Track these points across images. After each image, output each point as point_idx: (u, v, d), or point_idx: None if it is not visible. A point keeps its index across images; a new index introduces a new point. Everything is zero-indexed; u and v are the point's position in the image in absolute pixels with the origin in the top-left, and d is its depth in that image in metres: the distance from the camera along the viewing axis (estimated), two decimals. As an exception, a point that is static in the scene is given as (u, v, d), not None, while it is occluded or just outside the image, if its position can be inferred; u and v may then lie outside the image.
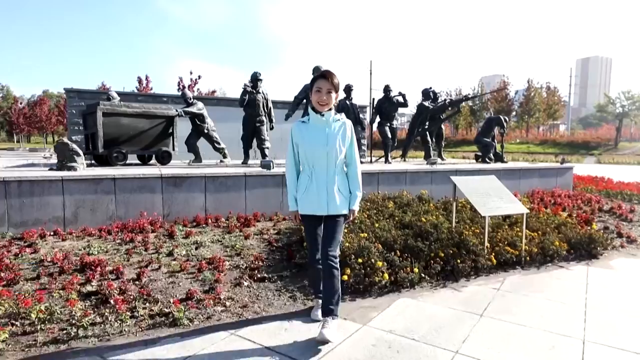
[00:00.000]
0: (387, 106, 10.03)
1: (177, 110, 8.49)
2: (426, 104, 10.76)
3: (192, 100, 8.89)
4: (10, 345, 2.54)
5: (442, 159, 11.60)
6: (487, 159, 10.18)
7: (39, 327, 2.72)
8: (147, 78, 35.99)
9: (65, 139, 6.58)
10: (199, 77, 34.18)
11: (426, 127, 10.88)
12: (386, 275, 3.35)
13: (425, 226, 4.43)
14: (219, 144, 9.22)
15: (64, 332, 2.69)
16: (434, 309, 3.10)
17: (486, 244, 4.04)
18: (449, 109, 11.27)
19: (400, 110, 10.80)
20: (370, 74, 43.70)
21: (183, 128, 9.06)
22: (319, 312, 2.77)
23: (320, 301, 2.80)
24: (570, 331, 2.77)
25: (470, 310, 3.10)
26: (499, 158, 10.47)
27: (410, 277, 3.45)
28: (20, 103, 54.39)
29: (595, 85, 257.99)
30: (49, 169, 6.38)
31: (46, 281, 3.42)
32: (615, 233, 5.55)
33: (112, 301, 2.95)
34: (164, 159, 8.26)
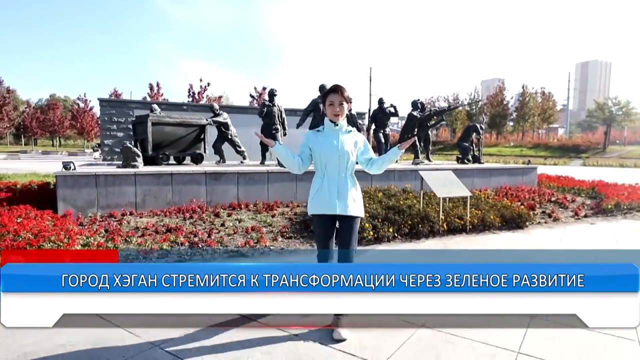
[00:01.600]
0: (381, 116, 11.89)
1: (207, 120, 10.34)
2: (415, 113, 12.57)
3: (218, 111, 10.74)
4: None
5: (430, 160, 13.39)
6: (465, 160, 12.04)
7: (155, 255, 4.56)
8: (157, 85, 38.08)
9: (128, 143, 8.44)
10: (208, 84, 36.34)
11: (415, 133, 12.69)
12: (371, 232, 5.20)
13: (402, 207, 6.27)
14: (239, 147, 11.06)
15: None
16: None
17: (441, 216, 5.89)
18: (434, 117, 13.09)
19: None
20: (370, 80, 45.61)
21: (209, 134, 10.92)
22: (342, 330, 2.72)
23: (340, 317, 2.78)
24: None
25: (420, 250, 4.93)
26: (476, 159, 12.33)
27: (387, 235, 5.30)
28: (33, 107, 56.47)
29: (594, 89, 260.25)
30: (117, 167, 8.23)
31: (149, 238, 5.26)
32: (548, 215, 7.40)
33: (202, 244, 4.80)
34: (198, 159, 10.11)
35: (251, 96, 40.57)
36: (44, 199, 7.35)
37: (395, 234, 5.46)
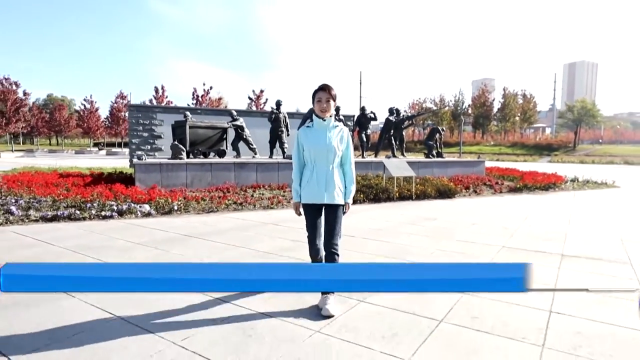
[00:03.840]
0: (363, 120, 15.02)
1: (228, 123, 13.39)
2: (391, 118, 15.73)
3: (236, 116, 13.79)
4: (199, 210, 7.43)
5: (404, 156, 16.54)
6: (430, 156, 15.24)
7: (221, 206, 7.64)
8: (162, 88, 40.93)
9: (175, 142, 11.47)
10: (211, 87, 39.31)
11: (391, 134, 15.86)
12: (349, 197, 8.34)
13: (371, 184, 9.42)
14: (252, 145, 14.11)
15: (233, 208, 7.61)
16: (367, 207, 8.06)
17: (395, 189, 9.05)
18: (407, 121, 16.28)
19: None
20: (360, 84, 48.84)
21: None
22: (329, 307, 2.90)
23: (328, 295, 3.01)
24: (423, 213, 7.70)
25: (379, 208, 8.04)
26: (439, 155, 15.53)
27: (359, 199, 8.43)
28: (38, 107, 58.85)
29: (581, 89, 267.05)
30: (168, 158, 11.26)
31: (214, 199, 8.32)
32: (474, 191, 10.61)
33: (246, 203, 7.91)
34: (221, 154, 13.15)
35: (249, 98, 43.70)
36: (111, 181, 10.29)
37: (365, 199, 8.63)
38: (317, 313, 2.90)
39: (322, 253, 3.06)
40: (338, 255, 3.02)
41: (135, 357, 2.29)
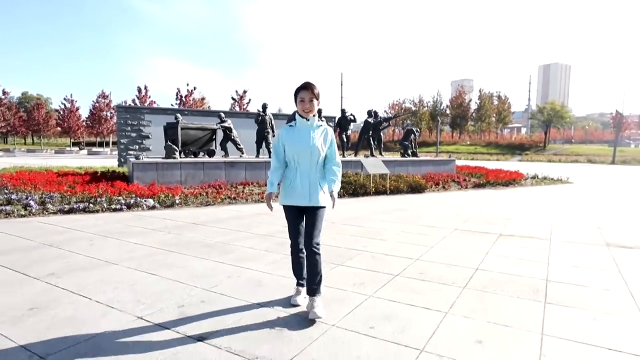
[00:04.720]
0: (344, 122, 16.11)
1: (216, 125, 14.25)
2: (369, 120, 16.88)
3: (224, 117, 14.65)
4: (197, 204, 8.36)
5: (381, 155, 17.72)
6: (405, 155, 16.45)
7: (217, 200, 8.57)
8: (145, 88, 41.12)
9: (168, 142, 12.27)
10: (194, 88, 39.75)
11: (370, 135, 17.00)
12: (330, 192, 9.40)
13: (350, 180, 10.50)
14: (239, 145, 14.99)
15: (228, 202, 8.55)
16: (347, 200, 9.11)
17: (372, 185, 10.15)
18: (384, 123, 17.46)
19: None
20: (342, 84, 49.96)
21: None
22: (298, 298, 3.08)
23: (300, 288, 3.14)
24: (395, 205, 8.80)
25: (357, 201, 9.11)
26: (414, 154, 16.76)
27: (340, 194, 9.48)
28: (16, 106, 57.75)
29: (555, 90, 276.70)
30: (162, 158, 12.05)
31: (210, 195, 9.22)
32: (443, 187, 11.82)
33: (239, 198, 8.86)
34: (211, 154, 13.99)
35: (233, 99, 44.32)
36: (110, 179, 11.03)
37: (345, 194, 9.70)
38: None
39: (304, 253, 3.05)
40: (320, 255, 2.98)
41: (181, 296, 3.27)
